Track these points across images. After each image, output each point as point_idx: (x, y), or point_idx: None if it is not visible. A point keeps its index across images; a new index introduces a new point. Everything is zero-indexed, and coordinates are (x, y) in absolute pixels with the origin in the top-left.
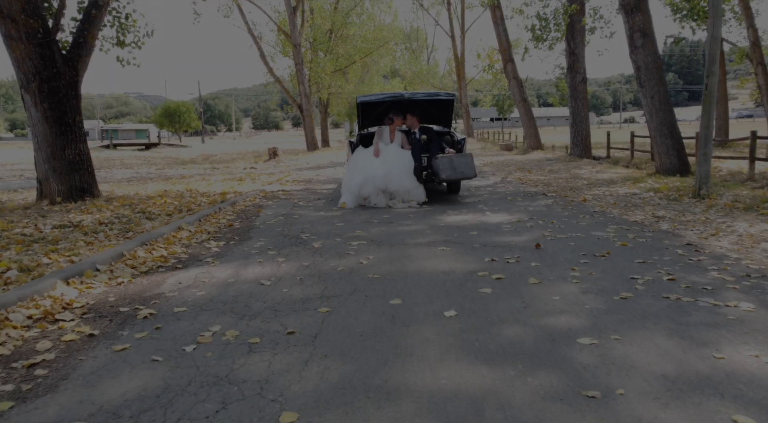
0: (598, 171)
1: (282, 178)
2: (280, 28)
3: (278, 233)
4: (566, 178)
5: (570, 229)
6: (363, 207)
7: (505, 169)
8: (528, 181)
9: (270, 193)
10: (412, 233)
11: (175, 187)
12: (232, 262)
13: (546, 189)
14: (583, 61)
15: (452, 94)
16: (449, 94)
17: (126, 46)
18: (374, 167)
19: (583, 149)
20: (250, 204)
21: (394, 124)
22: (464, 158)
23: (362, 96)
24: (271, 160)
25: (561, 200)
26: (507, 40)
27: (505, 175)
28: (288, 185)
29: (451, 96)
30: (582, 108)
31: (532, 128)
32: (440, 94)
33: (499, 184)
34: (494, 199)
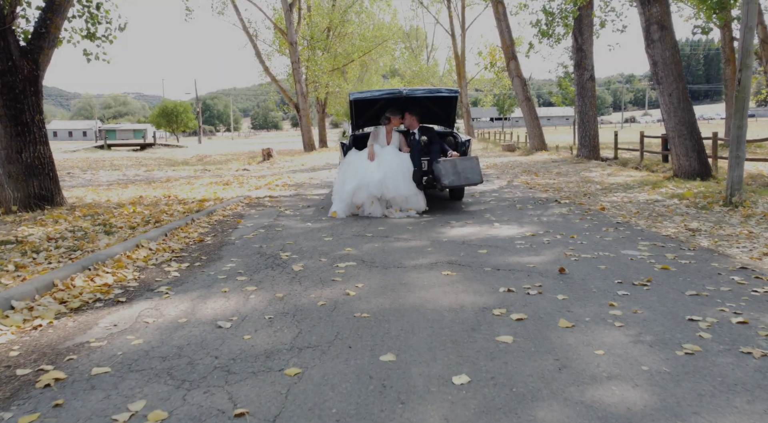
0: (609, 174)
1: (272, 181)
2: (276, 26)
3: (254, 251)
4: (577, 182)
5: (595, 245)
6: (356, 217)
7: (510, 171)
8: (536, 185)
9: (255, 199)
10: (411, 251)
11: (154, 193)
12: (190, 292)
13: (557, 195)
14: (592, 57)
15: (455, 90)
16: (452, 90)
17: (96, 40)
18: (369, 172)
19: (591, 150)
20: (230, 213)
21: (391, 124)
22: (469, 162)
23: (355, 93)
24: (264, 162)
25: (576, 208)
26: (510, 37)
27: (511, 179)
28: (277, 190)
29: (454, 92)
30: (590, 107)
31: (537, 128)
32: (442, 91)
33: (505, 188)
34: (502, 207)
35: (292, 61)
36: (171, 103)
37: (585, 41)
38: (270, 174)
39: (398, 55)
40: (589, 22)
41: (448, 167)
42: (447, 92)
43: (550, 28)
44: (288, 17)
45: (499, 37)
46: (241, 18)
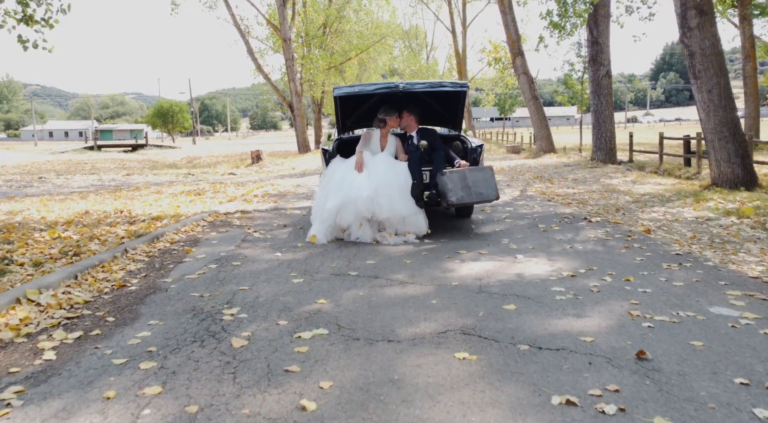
0: (634, 181)
1: (251, 190)
2: (269, 22)
3: (188, 306)
4: (600, 192)
5: (665, 296)
6: (340, 242)
7: (520, 177)
8: (555, 195)
9: (223, 216)
10: (408, 304)
11: (107, 207)
12: (51, 399)
13: (584, 210)
14: (608, 51)
15: (463, 83)
16: (459, 84)
17: (34, 24)
18: (356, 186)
19: (607, 153)
20: (183, 238)
21: (387, 125)
22: (481, 173)
23: (341, 87)
24: (253, 165)
25: (614, 230)
26: (516, 31)
27: (524, 187)
28: (253, 203)
29: (462, 87)
30: (606, 106)
31: (544, 129)
32: (446, 85)
33: (519, 200)
34: (521, 227)
35: (286, 58)
36: (167, 103)
37: (601, 34)
38: (254, 180)
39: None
40: (606, 13)
41: (456, 180)
42: (453, 86)
43: (563, 19)
44: (281, 12)
45: (505, 31)
46: (232, 13)
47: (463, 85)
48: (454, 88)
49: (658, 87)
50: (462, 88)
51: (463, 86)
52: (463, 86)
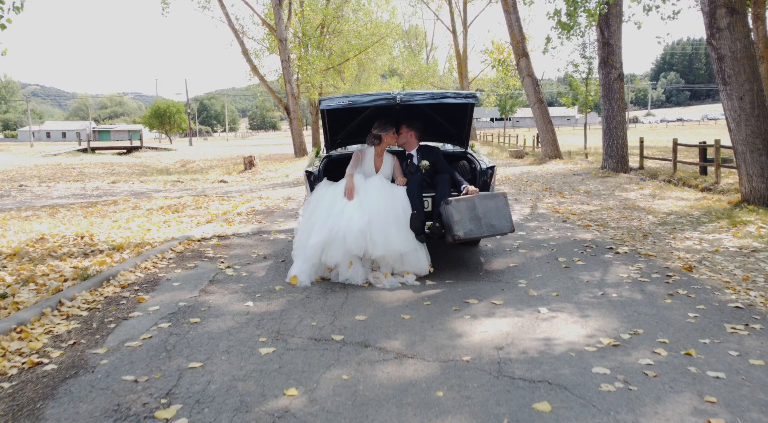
0: (652, 195)
1: (236, 206)
2: (264, 22)
3: (110, 404)
4: (619, 209)
5: (747, 387)
6: (326, 283)
7: (528, 189)
8: (569, 214)
9: (196, 243)
10: (405, 401)
11: (69, 230)
12: None
13: (605, 234)
14: (620, 53)
15: (471, 94)
16: (466, 94)
17: None
18: (346, 217)
19: (619, 161)
20: (140, 277)
21: (382, 143)
22: (494, 201)
23: (328, 98)
24: (246, 171)
25: (647, 265)
26: (520, 32)
27: (534, 202)
28: (234, 224)
29: (470, 98)
30: (618, 111)
31: (550, 134)
32: (451, 96)
33: (531, 221)
34: (537, 260)
35: (282, 59)
36: (163, 104)
37: (612, 34)
38: (243, 190)
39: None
40: (618, 12)
41: (463, 210)
42: (459, 98)
43: (572, 19)
44: (277, 12)
45: (508, 31)
46: (226, 12)
47: (471, 96)
48: (460, 100)
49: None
50: (469, 100)
51: (471, 97)
52: (470, 97)
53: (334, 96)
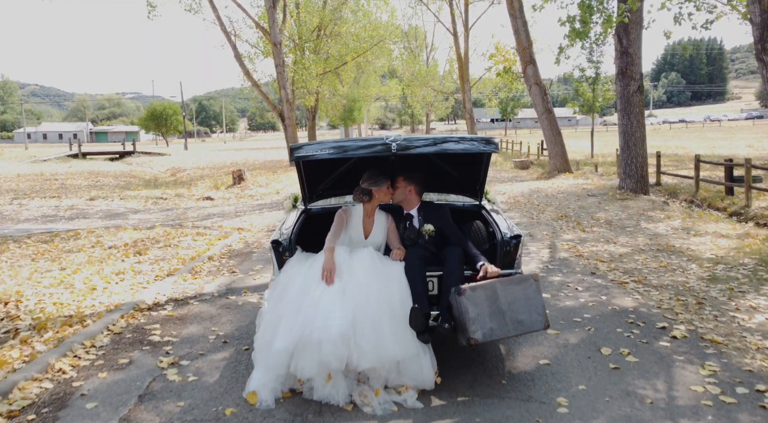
0: (684, 228)
1: (212, 242)
2: (258, 25)
3: None
4: (652, 252)
5: None
6: (296, 402)
7: (541, 216)
8: (596, 260)
9: (144, 314)
10: None
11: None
12: None
13: (647, 297)
14: (640, 63)
15: (489, 140)
16: (481, 140)
17: None
18: (323, 310)
19: (638, 182)
20: (46, 390)
21: (373, 199)
22: (521, 288)
23: (302, 146)
24: (234, 186)
25: (722, 366)
26: (527, 37)
27: (551, 238)
28: (201, 275)
29: (489, 145)
30: (637, 127)
31: (559, 146)
32: (463, 142)
33: (553, 269)
34: (574, 352)
35: (276, 64)
36: (160, 105)
37: (632, 43)
38: (227, 213)
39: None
40: (638, 19)
41: (482, 302)
42: (473, 145)
43: (587, 27)
44: (271, 15)
45: (514, 37)
46: (217, 15)
47: (488, 142)
48: (474, 149)
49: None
50: (488, 149)
51: (489, 144)
52: (488, 144)
53: (310, 143)
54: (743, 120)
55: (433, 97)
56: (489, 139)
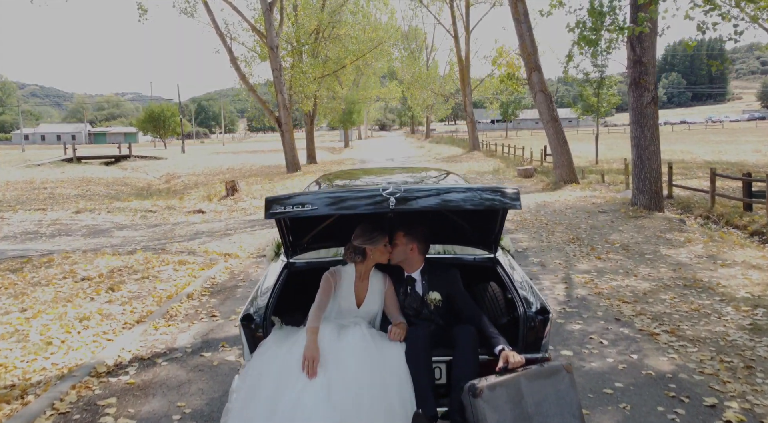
0: (709, 255)
1: (194, 273)
2: (254, 28)
3: None
4: (679, 288)
5: None
6: None
7: (551, 238)
8: (619, 300)
9: (101, 380)
10: None
11: None
12: None
13: (684, 356)
14: (654, 73)
15: (508, 194)
16: (497, 190)
17: None
18: (304, 412)
19: (652, 198)
20: None
21: (367, 259)
22: (551, 383)
23: (276, 200)
24: (227, 198)
25: None
26: (532, 43)
27: (565, 268)
28: (176, 321)
29: (509, 200)
30: (651, 140)
31: (565, 155)
32: (475, 194)
33: (570, 313)
34: None
35: (273, 68)
36: (158, 107)
37: (645, 51)
38: (216, 232)
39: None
40: (652, 26)
41: (502, 403)
42: (488, 198)
43: (598, 34)
44: (268, 18)
45: (518, 42)
46: (212, 18)
47: (507, 194)
48: (490, 202)
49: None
50: (506, 204)
51: (509, 198)
52: (507, 197)
53: (287, 196)
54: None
55: (433, 99)
56: (507, 190)
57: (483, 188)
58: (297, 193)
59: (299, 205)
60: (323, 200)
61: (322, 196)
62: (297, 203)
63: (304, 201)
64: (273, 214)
